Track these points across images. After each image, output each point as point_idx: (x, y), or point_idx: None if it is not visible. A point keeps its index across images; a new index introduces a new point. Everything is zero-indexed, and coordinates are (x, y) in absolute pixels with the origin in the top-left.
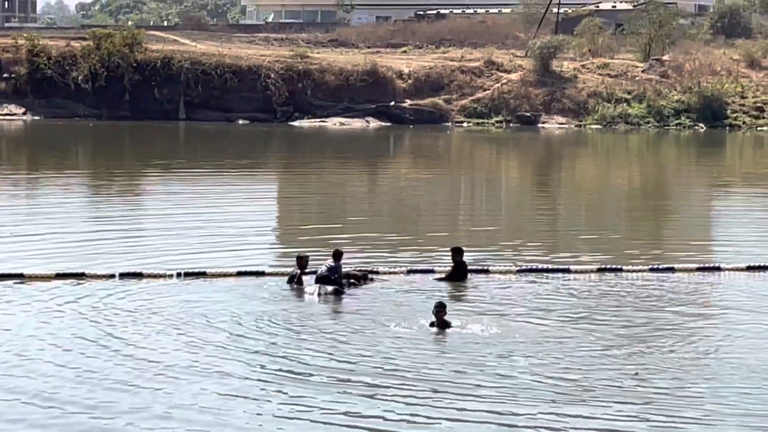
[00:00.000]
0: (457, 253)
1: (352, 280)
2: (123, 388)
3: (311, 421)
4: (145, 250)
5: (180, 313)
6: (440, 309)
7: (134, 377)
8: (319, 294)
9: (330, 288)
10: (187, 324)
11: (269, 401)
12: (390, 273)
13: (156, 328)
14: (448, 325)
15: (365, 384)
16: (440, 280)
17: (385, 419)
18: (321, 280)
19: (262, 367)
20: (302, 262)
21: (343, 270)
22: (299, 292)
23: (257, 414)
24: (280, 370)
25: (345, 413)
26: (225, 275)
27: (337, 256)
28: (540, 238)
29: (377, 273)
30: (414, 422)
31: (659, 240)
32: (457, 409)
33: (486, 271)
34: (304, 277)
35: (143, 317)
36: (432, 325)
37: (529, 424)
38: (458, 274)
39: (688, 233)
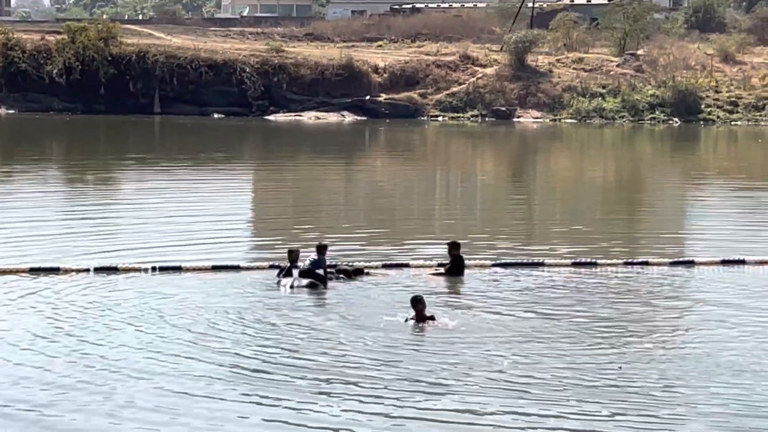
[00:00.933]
0: (454, 247)
1: (341, 275)
2: (77, 386)
3: (268, 420)
4: (120, 245)
5: (148, 308)
6: (416, 303)
7: (91, 375)
8: (292, 287)
9: (305, 281)
10: (152, 319)
11: (227, 399)
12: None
13: (120, 324)
14: (425, 319)
15: (326, 381)
16: (437, 275)
17: (346, 418)
18: (304, 273)
19: (223, 364)
20: (293, 255)
21: (339, 264)
22: (277, 287)
23: (216, 413)
24: (241, 367)
25: (303, 411)
26: (200, 269)
27: (321, 249)
28: (515, 231)
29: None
30: (371, 422)
31: (634, 234)
32: (425, 409)
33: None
34: (294, 271)
35: (109, 312)
36: (407, 320)
37: (497, 422)
38: (456, 268)
39: (663, 227)
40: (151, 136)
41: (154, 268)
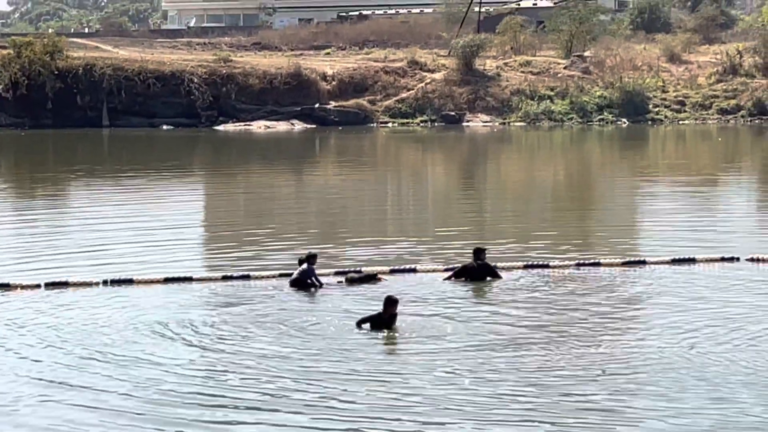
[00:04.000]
0: (479, 253)
1: (338, 280)
2: None
3: None
4: (71, 259)
5: (81, 324)
6: (388, 305)
7: (9, 395)
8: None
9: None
10: (83, 336)
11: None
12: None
13: (46, 341)
14: (393, 322)
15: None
16: (447, 279)
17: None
18: (295, 283)
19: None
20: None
21: (356, 271)
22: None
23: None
24: (160, 383)
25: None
26: (152, 282)
27: (310, 259)
28: (467, 235)
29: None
30: None
31: (585, 234)
32: (374, 419)
33: (414, 270)
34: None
35: (44, 328)
36: (374, 323)
37: None
38: (476, 273)
39: (613, 227)
40: (100, 149)
41: (105, 282)
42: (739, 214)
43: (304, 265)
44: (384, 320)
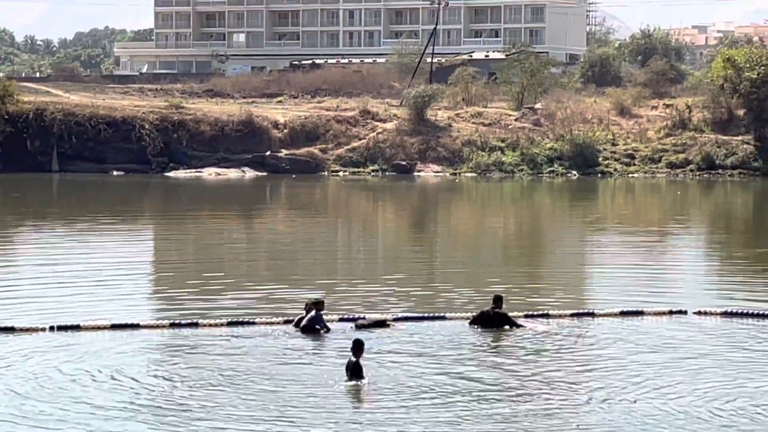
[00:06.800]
0: (496, 301)
1: (349, 325)
2: None
3: None
4: (19, 304)
5: (28, 370)
6: (356, 349)
7: None
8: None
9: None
10: (28, 383)
11: None
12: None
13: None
14: (359, 370)
15: None
16: (472, 323)
17: None
18: (306, 330)
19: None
20: (310, 307)
21: (368, 317)
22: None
23: None
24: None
25: None
26: (99, 328)
27: (318, 305)
28: (417, 285)
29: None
30: None
31: (534, 286)
32: None
33: (363, 318)
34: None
35: None
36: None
37: None
38: (490, 320)
39: (563, 279)
40: (49, 194)
41: (52, 328)
42: (688, 267)
43: (312, 312)
44: (353, 364)
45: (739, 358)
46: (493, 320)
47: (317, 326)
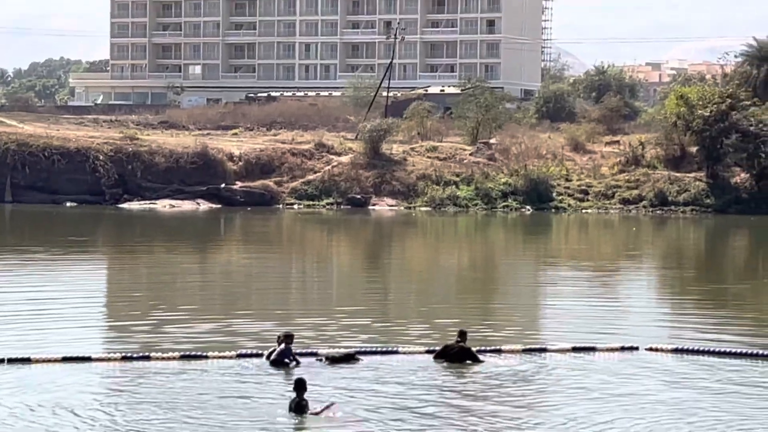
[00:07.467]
0: (462, 335)
1: (323, 359)
2: None
3: None
4: None
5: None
6: (298, 387)
7: None
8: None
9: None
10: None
11: None
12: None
13: None
14: (303, 409)
15: None
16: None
17: None
18: (275, 364)
19: None
20: (281, 340)
21: (331, 351)
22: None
23: None
24: None
25: None
26: (50, 361)
27: (287, 339)
28: (369, 319)
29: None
30: None
31: (486, 321)
32: None
33: (315, 354)
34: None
35: None
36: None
37: None
38: (455, 354)
39: (515, 314)
40: (2, 224)
41: (2, 360)
42: (640, 303)
43: (282, 345)
44: (296, 404)
45: (685, 396)
46: (457, 354)
47: (286, 360)
